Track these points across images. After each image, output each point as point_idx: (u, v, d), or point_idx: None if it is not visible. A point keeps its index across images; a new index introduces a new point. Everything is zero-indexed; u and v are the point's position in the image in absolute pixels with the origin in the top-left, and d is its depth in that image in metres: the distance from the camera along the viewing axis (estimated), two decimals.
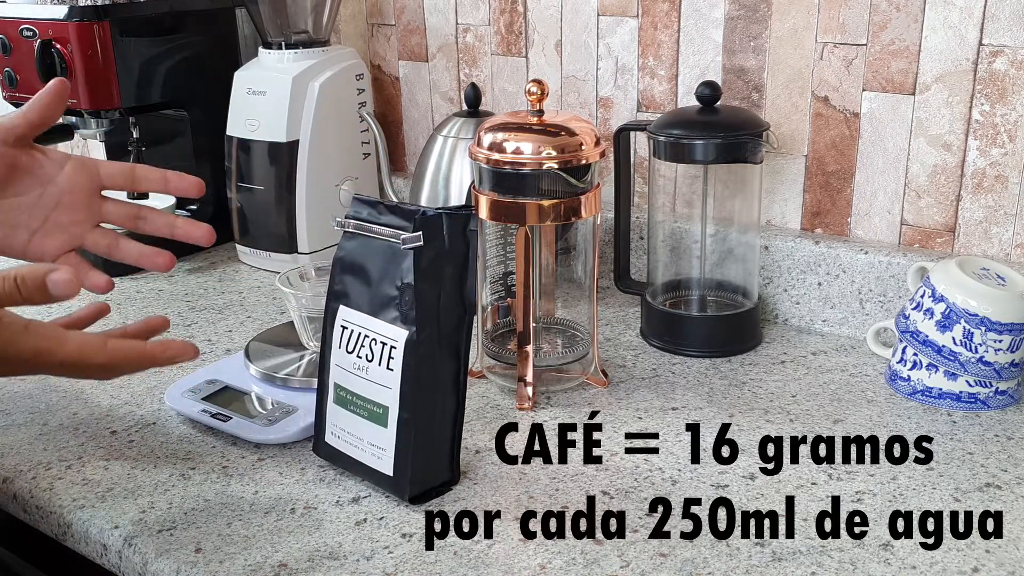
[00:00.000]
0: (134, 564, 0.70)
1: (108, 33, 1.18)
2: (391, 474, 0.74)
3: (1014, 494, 0.74)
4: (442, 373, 0.74)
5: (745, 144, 0.95)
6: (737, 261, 1.05)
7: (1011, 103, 0.93)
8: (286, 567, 0.67)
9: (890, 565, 0.66)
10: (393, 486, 0.74)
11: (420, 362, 0.72)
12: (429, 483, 0.75)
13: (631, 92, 1.16)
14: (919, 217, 1.01)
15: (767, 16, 1.04)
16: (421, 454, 0.73)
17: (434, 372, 0.73)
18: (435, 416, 0.74)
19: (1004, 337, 0.85)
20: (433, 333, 0.72)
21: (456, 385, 0.75)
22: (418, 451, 0.73)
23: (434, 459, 0.75)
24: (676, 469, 0.78)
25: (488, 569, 0.67)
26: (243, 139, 1.24)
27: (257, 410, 0.86)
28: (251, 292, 1.20)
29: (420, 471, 0.74)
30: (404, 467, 0.73)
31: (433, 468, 0.75)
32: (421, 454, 0.73)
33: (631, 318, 1.09)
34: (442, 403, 0.75)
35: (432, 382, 0.73)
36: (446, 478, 0.76)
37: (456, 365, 0.75)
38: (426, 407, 0.73)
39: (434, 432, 0.74)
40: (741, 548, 0.68)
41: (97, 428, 0.87)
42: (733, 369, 0.97)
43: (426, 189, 1.13)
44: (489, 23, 1.25)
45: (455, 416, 0.76)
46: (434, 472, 0.75)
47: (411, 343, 0.71)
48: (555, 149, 0.85)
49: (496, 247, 0.98)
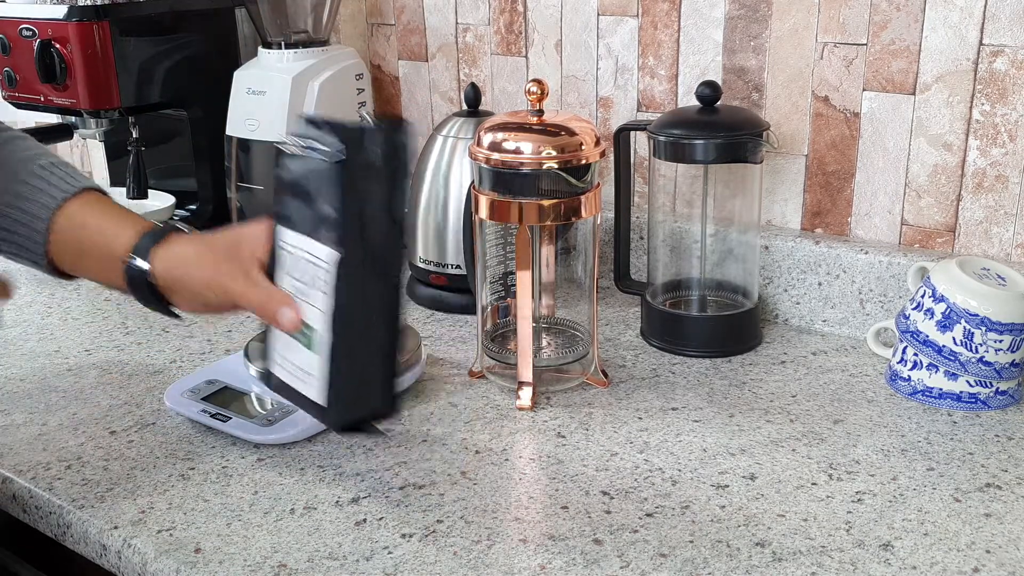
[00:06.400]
0: (134, 564, 0.70)
1: (108, 33, 1.18)
2: (323, 403, 0.71)
3: (1014, 494, 0.74)
4: (372, 296, 0.70)
5: (745, 144, 0.95)
6: (737, 261, 1.05)
7: (1011, 103, 0.93)
8: (286, 567, 0.67)
9: (890, 565, 0.66)
10: (324, 416, 0.72)
11: (348, 284, 0.68)
12: (360, 413, 0.72)
13: (631, 92, 1.16)
14: (919, 217, 1.01)
15: (767, 16, 1.04)
16: (351, 382, 0.70)
17: (363, 295, 0.69)
18: (365, 342, 0.70)
19: (1004, 337, 0.84)
20: (360, 253, 0.68)
21: (388, 309, 0.71)
22: (348, 378, 0.70)
23: (365, 388, 0.71)
24: (676, 469, 0.78)
25: (488, 569, 0.66)
26: (243, 139, 1.24)
27: (257, 410, 0.86)
28: None
29: (350, 400, 0.70)
30: (333, 396, 0.70)
31: (364, 397, 0.72)
32: (351, 382, 0.70)
33: (631, 318, 1.09)
34: (374, 328, 0.70)
35: (362, 305, 0.69)
36: (378, 409, 0.72)
37: (387, 287, 0.70)
38: (355, 332, 0.69)
39: (364, 359, 0.71)
40: (741, 548, 0.68)
41: (97, 428, 0.87)
42: (733, 369, 0.97)
43: (426, 189, 1.13)
44: (489, 23, 1.25)
45: (389, 343, 0.71)
46: (365, 402, 0.72)
47: (337, 263, 0.68)
48: (555, 149, 0.85)
49: (496, 247, 0.98)
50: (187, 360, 1.00)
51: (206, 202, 1.37)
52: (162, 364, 1.00)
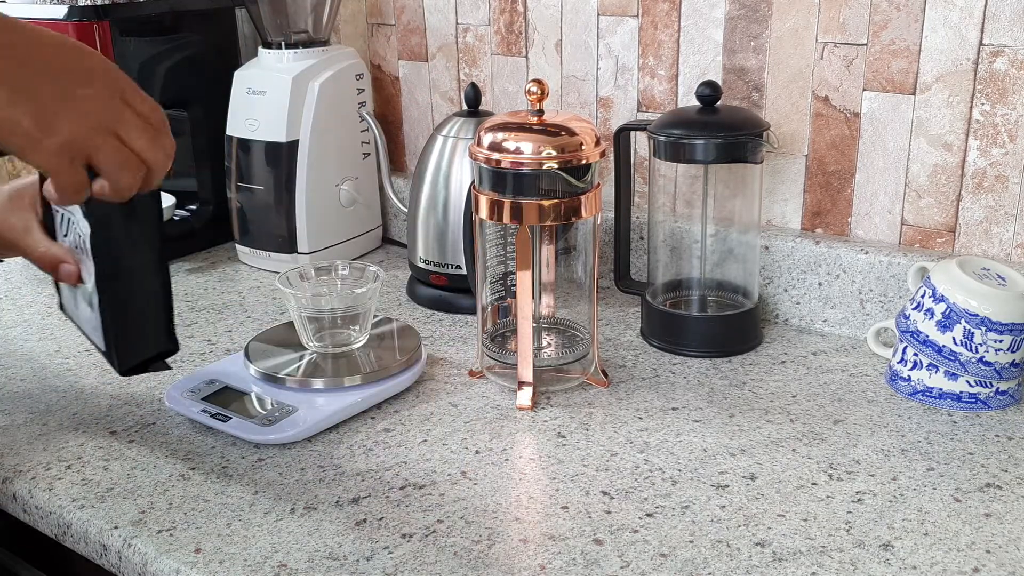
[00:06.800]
0: (134, 564, 0.70)
1: (108, 33, 1.18)
2: (105, 350, 0.78)
3: (1014, 494, 0.74)
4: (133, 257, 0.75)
5: (745, 144, 0.95)
6: (737, 261, 1.05)
7: (1011, 103, 0.93)
8: (286, 567, 0.67)
9: (890, 565, 0.66)
10: (109, 360, 0.78)
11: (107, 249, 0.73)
12: (141, 357, 0.78)
13: (631, 92, 1.16)
14: (919, 217, 1.01)
15: (767, 16, 1.04)
16: (127, 332, 0.76)
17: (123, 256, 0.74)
18: (135, 296, 0.76)
19: (1004, 337, 0.84)
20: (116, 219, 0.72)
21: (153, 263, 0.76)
22: (124, 329, 0.76)
23: (143, 335, 0.77)
24: (676, 469, 0.78)
25: (488, 569, 0.66)
26: (243, 139, 1.24)
27: (257, 410, 0.85)
28: (251, 292, 1.20)
29: (130, 347, 0.77)
30: (112, 345, 0.76)
31: (143, 343, 0.78)
32: (127, 332, 0.76)
33: (631, 318, 1.09)
34: (141, 282, 0.76)
35: (125, 265, 0.75)
36: (160, 349, 0.78)
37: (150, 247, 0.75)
38: (123, 288, 0.75)
39: (137, 309, 0.76)
40: (741, 548, 0.68)
41: (97, 428, 0.87)
42: (733, 369, 0.97)
43: (426, 189, 1.13)
44: (489, 23, 1.25)
45: (161, 290, 0.77)
46: (145, 346, 0.78)
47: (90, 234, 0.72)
48: (555, 149, 0.85)
49: (496, 247, 0.98)
50: (187, 360, 1.00)
51: (206, 202, 1.37)
52: None
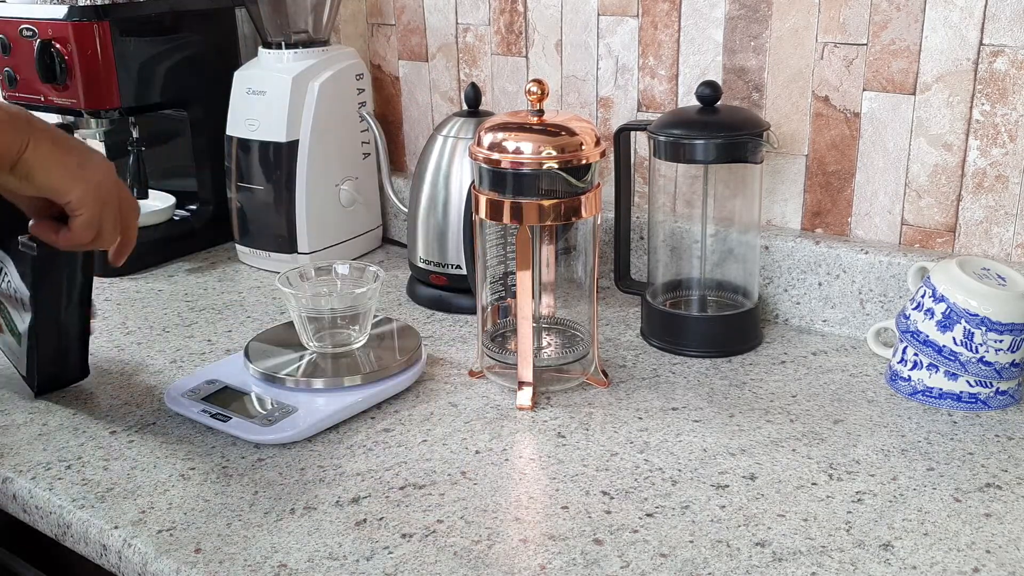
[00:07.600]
0: (134, 564, 0.70)
1: (108, 33, 1.18)
2: (26, 375, 0.92)
3: (1014, 494, 0.74)
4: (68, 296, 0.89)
5: (745, 144, 0.95)
6: (737, 261, 1.05)
7: (1011, 103, 0.93)
8: (286, 567, 0.67)
9: (890, 565, 0.66)
10: (29, 383, 0.93)
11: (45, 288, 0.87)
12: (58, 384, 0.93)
13: (631, 92, 1.16)
14: (919, 217, 1.01)
15: (767, 16, 1.04)
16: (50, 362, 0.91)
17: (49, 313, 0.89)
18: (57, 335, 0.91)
19: (1004, 337, 0.84)
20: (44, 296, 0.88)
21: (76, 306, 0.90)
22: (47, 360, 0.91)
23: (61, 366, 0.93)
24: (676, 469, 0.78)
25: (488, 569, 0.66)
26: (243, 139, 1.24)
27: (257, 410, 0.85)
28: (251, 292, 1.20)
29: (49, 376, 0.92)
30: (32, 372, 0.91)
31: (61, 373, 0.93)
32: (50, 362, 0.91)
33: (631, 318, 1.09)
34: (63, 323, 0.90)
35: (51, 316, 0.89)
36: (74, 378, 0.94)
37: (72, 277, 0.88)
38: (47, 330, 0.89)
39: (61, 344, 0.91)
40: (741, 548, 0.68)
41: (97, 428, 0.87)
42: (733, 369, 0.97)
43: (426, 189, 1.13)
44: (489, 23, 1.25)
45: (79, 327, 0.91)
46: (62, 374, 0.93)
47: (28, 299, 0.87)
48: (555, 149, 0.85)
49: (496, 247, 0.98)
50: (187, 360, 1.00)
51: (206, 202, 1.37)
52: (162, 364, 1.00)
